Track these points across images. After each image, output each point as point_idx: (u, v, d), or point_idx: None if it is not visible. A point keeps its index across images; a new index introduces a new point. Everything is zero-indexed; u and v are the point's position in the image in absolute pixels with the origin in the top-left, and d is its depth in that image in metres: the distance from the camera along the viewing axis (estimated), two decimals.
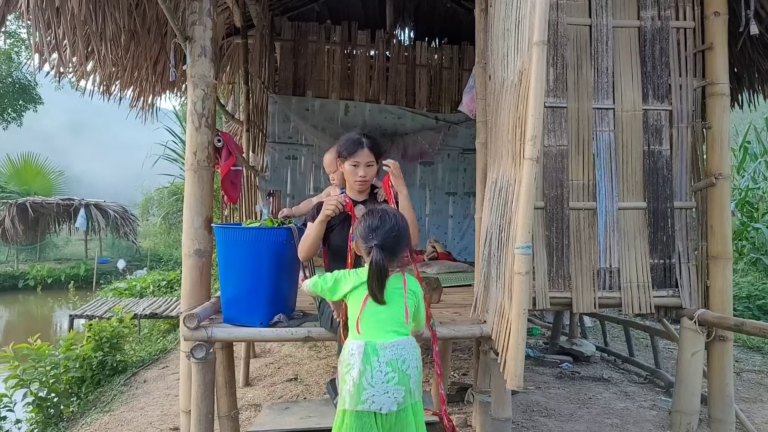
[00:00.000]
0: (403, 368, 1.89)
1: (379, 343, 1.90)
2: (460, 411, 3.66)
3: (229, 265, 2.64)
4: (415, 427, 1.92)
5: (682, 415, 3.17)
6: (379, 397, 1.84)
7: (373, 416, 1.85)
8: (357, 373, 1.86)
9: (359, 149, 2.52)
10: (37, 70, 3.31)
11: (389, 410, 1.85)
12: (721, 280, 3.14)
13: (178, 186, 18.06)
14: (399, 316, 1.98)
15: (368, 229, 1.98)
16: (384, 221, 1.98)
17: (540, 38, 1.87)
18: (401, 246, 2.00)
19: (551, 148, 3.13)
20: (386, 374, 1.86)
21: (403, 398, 1.88)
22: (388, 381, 1.86)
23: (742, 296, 6.70)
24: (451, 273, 4.52)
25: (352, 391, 1.85)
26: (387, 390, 1.85)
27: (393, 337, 1.93)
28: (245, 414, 3.73)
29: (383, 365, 1.87)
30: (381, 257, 1.91)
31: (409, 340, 1.97)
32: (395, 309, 1.98)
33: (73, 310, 8.17)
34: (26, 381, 4.39)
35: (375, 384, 1.85)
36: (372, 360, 1.87)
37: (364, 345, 1.89)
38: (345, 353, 1.95)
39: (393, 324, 1.96)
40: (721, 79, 3.15)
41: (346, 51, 6.41)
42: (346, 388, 1.88)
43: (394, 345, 1.91)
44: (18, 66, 16.23)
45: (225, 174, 3.22)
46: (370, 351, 1.88)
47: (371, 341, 1.90)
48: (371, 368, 1.86)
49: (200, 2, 2.88)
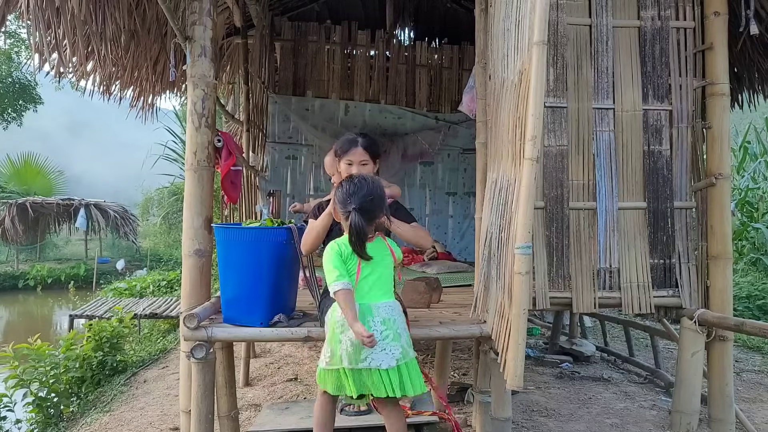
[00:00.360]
0: (395, 327, 2.01)
1: (372, 304, 2.01)
2: (460, 411, 3.66)
3: (229, 265, 2.64)
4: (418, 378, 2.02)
5: (682, 415, 3.17)
6: (377, 354, 1.93)
7: (371, 373, 1.94)
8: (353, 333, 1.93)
9: (353, 147, 2.61)
10: (37, 70, 3.31)
11: (389, 366, 1.93)
12: (721, 280, 3.14)
13: (178, 186, 18.06)
14: (387, 280, 2.10)
15: (346, 195, 2.09)
16: (360, 187, 2.09)
17: (540, 38, 1.87)
18: (378, 209, 2.10)
19: (551, 148, 3.13)
20: (382, 332, 1.97)
21: (401, 354, 1.97)
22: (384, 338, 1.96)
23: (742, 296, 6.71)
24: (451, 273, 4.52)
25: (350, 350, 1.94)
26: (384, 347, 1.95)
27: (384, 299, 2.05)
28: (245, 414, 3.73)
29: (378, 324, 1.98)
30: (359, 219, 2.02)
31: (395, 302, 2.10)
32: (385, 273, 2.10)
33: (73, 310, 8.18)
34: (26, 381, 4.39)
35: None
36: (368, 320, 1.97)
37: (359, 306, 1.99)
38: (338, 314, 2.02)
39: (383, 287, 2.08)
40: (721, 79, 3.15)
41: (346, 51, 6.41)
42: (342, 348, 1.96)
43: (386, 305, 2.03)
44: (18, 66, 16.24)
45: (225, 174, 3.22)
46: (366, 311, 1.99)
47: (365, 302, 2.01)
48: (367, 328, 1.94)
49: (200, 2, 2.88)
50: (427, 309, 3.20)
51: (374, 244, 2.10)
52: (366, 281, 2.05)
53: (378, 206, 2.11)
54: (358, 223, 2.02)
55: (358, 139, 2.66)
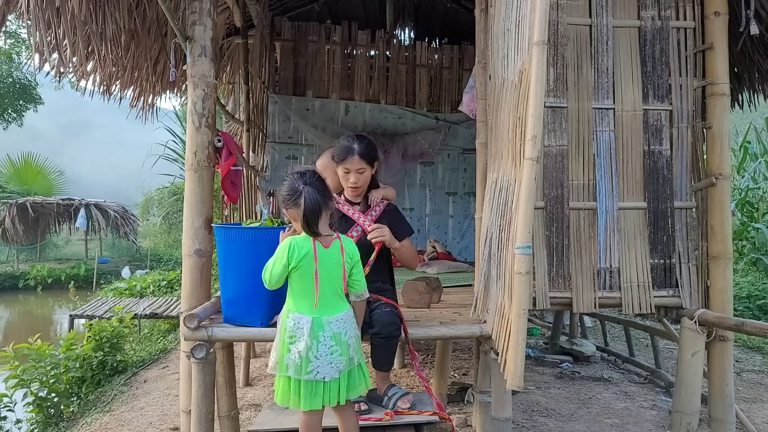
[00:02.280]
0: (344, 340, 2.09)
1: (325, 319, 2.06)
2: (460, 411, 3.66)
3: (229, 265, 2.64)
4: (363, 382, 2.16)
5: (682, 415, 3.17)
6: (323, 368, 2.03)
7: (314, 385, 2.05)
8: (304, 346, 2.02)
9: (350, 156, 2.62)
10: (38, 70, 3.31)
11: (332, 378, 2.06)
12: (722, 280, 3.14)
13: (178, 186, 18.08)
14: (339, 287, 2.14)
15: (292, 183, 2.10)
16: (303, 173, 2.13)
17: (540, 38, 1.87)
18: (327, 190, 2.13)
19: (551, 148, 3.13)
20: (330, 347, 2.05)
21: (344, 366, 2.09)
22: (332, 353, 2.05)
23: (743, 296, 6.70)
24: (451, 273, 4.52)
25: (298, 362, 2.02)
26: (331, 361, 2.05)
27: (336, 312, 2.10)
28: (245, 414, 3.73)
29: (328, 339, 2.05)
30: (313, 193, 2.04)
31: (349, 313, 2.15)
32: (336, 280, 2.12)
33: (74, 310, 8.18)
34: (26, 381, 4.39)
35: (320, 356, 2.03)
36: (318, 335, 2.04)
37: (312, 320, 2.04)
38: (290, 323, 2.08)
39: (335, 297, 2.12)
40: (722, 79, 3.15)
41: (347, 51, 6.41)
42: (291, 358, 2.04)
43: (338, 320, 2.09)
44: (18, 66, 16.24)
45: (225, 174, 3.22)
46: (317, 327, 2.04)
47: (319, 317, 2.06)
48: (317, 342, 2.03)
49: (200, 2, 2.88)
50: (427, 309, 3.21)
51: (330, 253, 2.12)
52: (323, 294, 2.08)
53: (326, 187, 2.15)
54: (313, 196, 2.04)
55: (354, 146, 2.64)
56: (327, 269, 2.11)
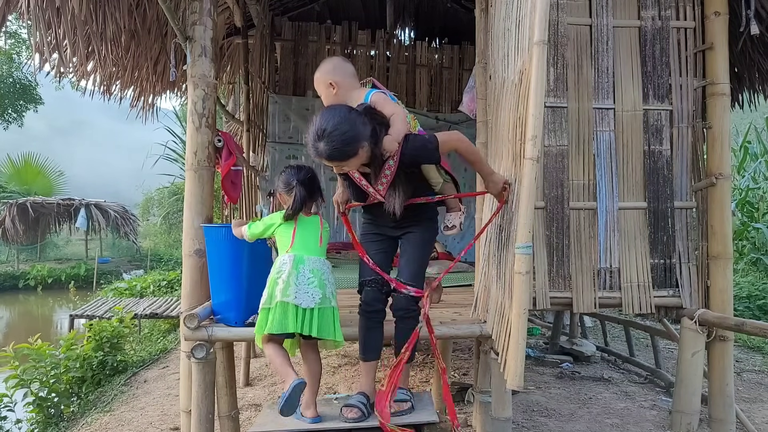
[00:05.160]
0: (322, 277, 2.38)
1: (305, 256, 2.39)
2: (461, 411, 3.66)
3: (224, 266, 2.63)
4: (333, 326, 2.37)
5: (683, 415, 3.17)
6: (301, 294, 2.30)
7: (294, 309, 2.28)
8: (287, 275, 2.32)
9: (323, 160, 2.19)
10: (38, 70, 3.31)
11: (307, 306, 2.30)
12: (722, 280, 3.14)
13: (178, 186, 18.08)
14: (316, 239, 2.50)
15: (289, 176, 2.49)
16: (300, 170, 2.51)
17: (540, 38, 1.87)
18: (315, 186, 2.52)
19: (551, 148, 3.13)
20: (308, 278, 2.35)
21: (320, 299, 2.33)
22: (309, 283, 2.34)
23: (743, 296, 6.70)
24: (452, 273, 4.50)
25: (282, 287, 2.30)
26: (308, 290, 2.32)
27: (315, 255, 2.44)
28: (245, 414, 3.73)
29: (307, 271, 2.35)
30: (302, 191, 2.44)
31: (327, 263, 2.49)
32: (314, 235, 2.50)
33: (74, 310, 8.18)
34: (26, 381, 4.39)
35: (299, 284, 2.32)
36: (299, 267, 2.35)
37: (294, 256, 2.37)
38: (277, 264, 2.40)
39: (313, 245, 2.47)
40: (722, 79, 3.15)
41: (347, 51, 6.40)
42: (278, 288, 2.30)
43: (316, 260, 2.42)
44: (18, 66, 16.25)
45: (225, 174, 3.22)
46: (298, 261, 2.36)
47: (299, 254, 2.39)
48: (297, 273, 2.33)
49: (200, 2, 2.88)
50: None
51: (310, 219, 2.50)
52: (300, 238, 2.44)
53: (315, 184, 2.53)
54: (302, 193, 2.44)
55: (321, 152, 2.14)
56: (304, 225, 2.47)
